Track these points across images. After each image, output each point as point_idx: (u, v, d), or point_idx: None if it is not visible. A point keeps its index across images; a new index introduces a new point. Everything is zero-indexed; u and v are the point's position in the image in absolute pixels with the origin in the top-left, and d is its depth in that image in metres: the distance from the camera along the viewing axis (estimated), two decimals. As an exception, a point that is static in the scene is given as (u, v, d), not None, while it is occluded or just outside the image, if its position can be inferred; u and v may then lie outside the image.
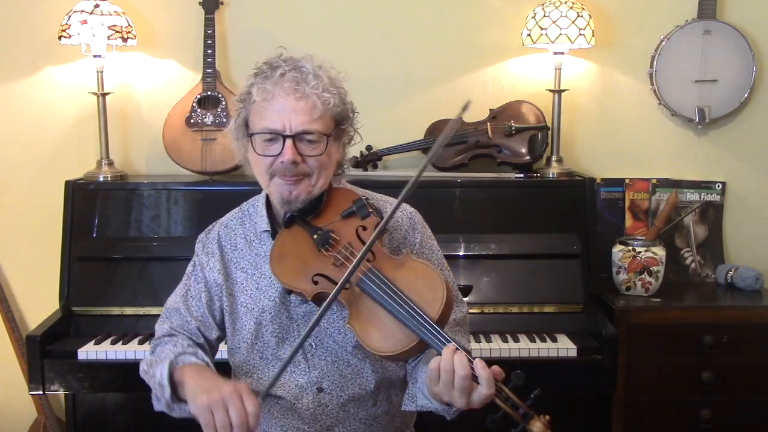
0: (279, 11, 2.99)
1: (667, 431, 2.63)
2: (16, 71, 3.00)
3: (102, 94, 2.85)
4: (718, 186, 3.00)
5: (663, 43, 2.93)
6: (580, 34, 2.75)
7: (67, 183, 2.73)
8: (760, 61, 2.97)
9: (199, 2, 2.89)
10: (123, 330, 2.58)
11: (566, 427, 1.58)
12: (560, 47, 2.80)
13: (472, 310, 2.52)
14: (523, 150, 2.87)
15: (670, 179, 3.00)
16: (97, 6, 2.76)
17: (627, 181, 2.99)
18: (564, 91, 2.88)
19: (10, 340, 2.98)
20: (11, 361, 3.00)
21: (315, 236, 1.62)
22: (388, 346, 1.48)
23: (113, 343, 2.51)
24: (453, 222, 2.69)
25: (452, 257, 2.56)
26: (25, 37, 2.98)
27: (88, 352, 2.46)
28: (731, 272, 2.85)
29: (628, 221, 2.99)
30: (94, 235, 2.70)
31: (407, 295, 1.50)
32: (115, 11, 2.78)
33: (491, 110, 2.92)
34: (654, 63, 2.95)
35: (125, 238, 2.70)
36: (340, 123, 1.67)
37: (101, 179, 2.81)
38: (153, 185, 2.74)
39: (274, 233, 1.71)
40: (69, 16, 2.76)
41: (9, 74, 3.01)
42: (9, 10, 2.97)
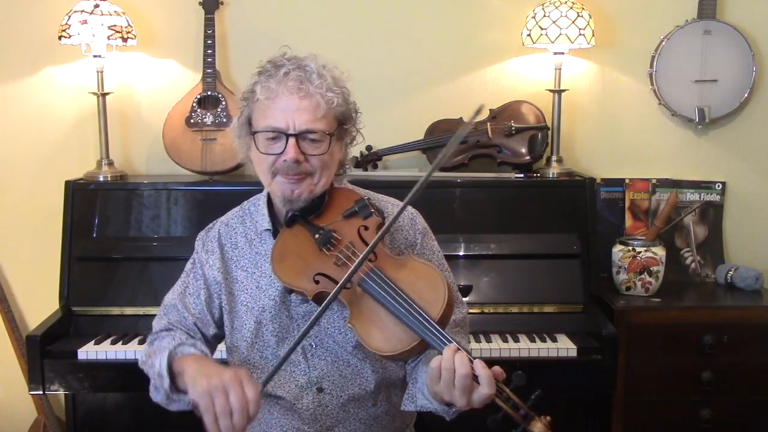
0: (279, 11, 2.99)
1: (667, 431, 2.63)
2: (16, 71, 3.00)
3: (102, 94, 2.84)
4: (718, 186, 3.00)
5: (663, 43, 2.93)
6: (580, 34, 2.75)
7: (67, 183, 2.73)
8: (760, 61, 2.97)
9: (199, 2, 2.89)
10: (123, 330, 2.58)
11: (566, 427, 1.58)
12: (560, 47, 2.80)
13: (472, 310, 2.53)
14: (523, 150, 2.87)
15: (670, 179, 3.00)
16: (97, 6, 2.75)
17: (627, 181, 2.99)
18: (564, 91, 2.88)
19: (10, 340, 2.98)
20: (11, 361, 3.00)
21: (317, 236, 1.62)
22: (390, 346, 1.48)
23: (113, 343, 2.51)
24: (453, 222, 2.69)
25: (452, 257, 2.56)
26: (25, 37, 2.98)
27: (88, 352, 2.46)
28: (731, 272, 2.85)
29: (628, 221, 2.99)
30: (94, 235, 2.70)
31: (409, 295, 1.50)
32: (115, 11, 2.78)
33: (491, 110, 2.92)
34: (654, 63, 2.95)
35: (125, 238, 2.70)
36: (343, 123, 1.67)
37: (101, 179, 2.81)
38: (153, 185, 2.74)
39: (276, 232, 1.71)
40: (69, 16, 2.75)
41: (9, 74, 3.01)
42: (9, 10, 2.97)
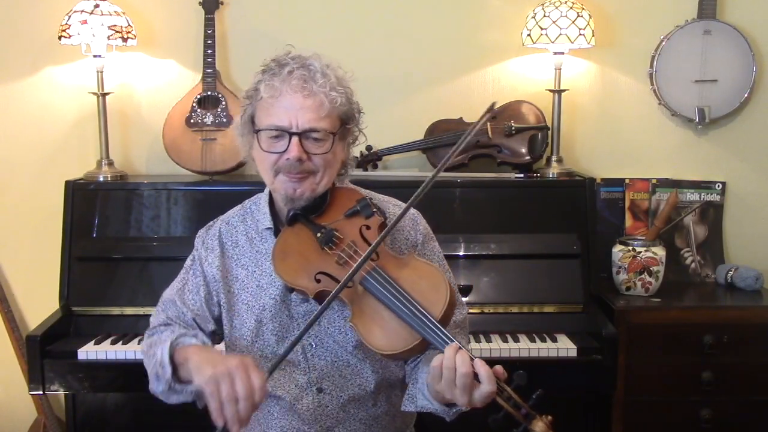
0: (279, 11, 2.99)
1: (667, 431, 2.63)
2: (16, 71, 3.00)
3: (102, 94, 2.84)
4: (718, 186, 3.00)
5: (663, 43, 2.93)
6: (580, 34, 2.75)
7: (67, 183, 2.73)
8: (760, 61, 2.97)
9: (199, 2, 2.89)
10: (123, 330, 2.57)
11: (566, 427, 1.58)
12: (560, 47, 2.80)
13: (472, 310, 2.53)
14: (523, 150, 2.87)
15: (670, 179, 3.00)
16: (97, 6, 2.75)
17: (627, 181, 2.99)
18: (564, 91, 2.88)
19: (10, 340, 2.98)
20: (11, 361, 2.99)
21: (318, 234, 1.62)
22: (391, 344, 1.48)
23: (113, 343, 2.51)
24: (453, 222, 2.69)
25: (452, 257, 2.56)
26: (25, 37, 2.98)
27: (88, 352, 2.46)
28: (731, 272, 2.85)
29: (628, 221, 2.99)
30: (94, 235, 2.70)
31: (411, 294, 1.50)
32: (115, 11, 2.78)
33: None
34: (654, 63, 2.95)
35: (125, 238, 2.70)
36: (346, 122, 1.68)
37: (101, 179, 2.81)
38: (153, 185, 2.74)
39: (277, 231, 1.71)
40: (69, 16, 2.75)
41: (9, 74, 3.01)
42: (9, 10, 2.97)
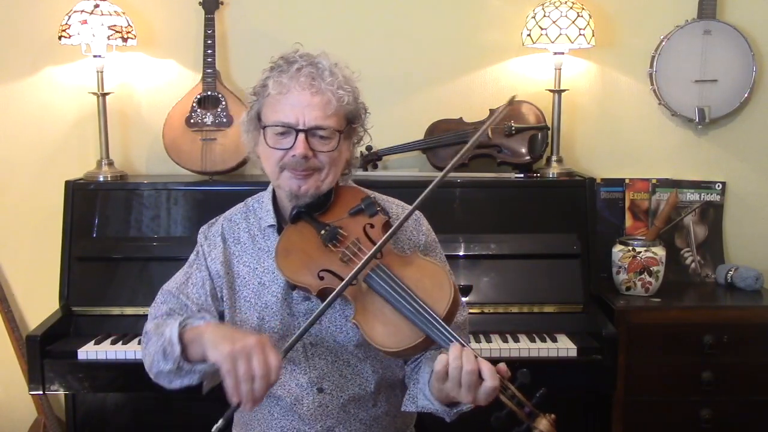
0: (279, 11, 2.99)
1: (667, 431, 2.63)
2: (16, 71, 3.00)
3: (102, 94, 2.84)
4: (718, 186, 3.00)
5: (663, 43, 2.93)
6: (580, 34, 2.75)
7: (67, 183, 2.73)
8: (760, 61, 2.97)
9: (199, 2, 2.89)
10: (123, 330, 2.57)
11: (566, 427, 1.58)
12: (560, 47, 2.80)
13: (472, 310, 2.53)
14: (523, 150, 2.87)
15: (670, 179, 3.01)
16: (97, 6, 2.75)
17: (627, 181, 2.99)
18: (564, 91, 2.88)
19: (10, 340, 2.98)
20: (11, 361, 2.99)
21: (322, 232, 1.62)
22: (394, 342, 1.48)
23: (113, 343, 2.50)
24: (453, 222, 2.69)
25: (452, 257, 2.55)
26: (25, 37, 2.98)
27: (88, 352, 2.46)
28: (731, 272, 2.85)
29: (628, 221, 2.99)
30: (94, 235, 2.70)
31: (415, 292, 1.50)
32: (115, 11, 2.78)
33: (491, 110, 2.91)
34: (654, 63, 2.95)
35: (125, 238, 2.69)
36: (352, 122, 1.68)
37: (101, 179, 2.81)
38: (153, 185, 2.74)
39: (280, 229, 1.71)
40: (69, 16, 2.75)
41: (9, 74, 3.00)
42: (9, 10, 2.97)
